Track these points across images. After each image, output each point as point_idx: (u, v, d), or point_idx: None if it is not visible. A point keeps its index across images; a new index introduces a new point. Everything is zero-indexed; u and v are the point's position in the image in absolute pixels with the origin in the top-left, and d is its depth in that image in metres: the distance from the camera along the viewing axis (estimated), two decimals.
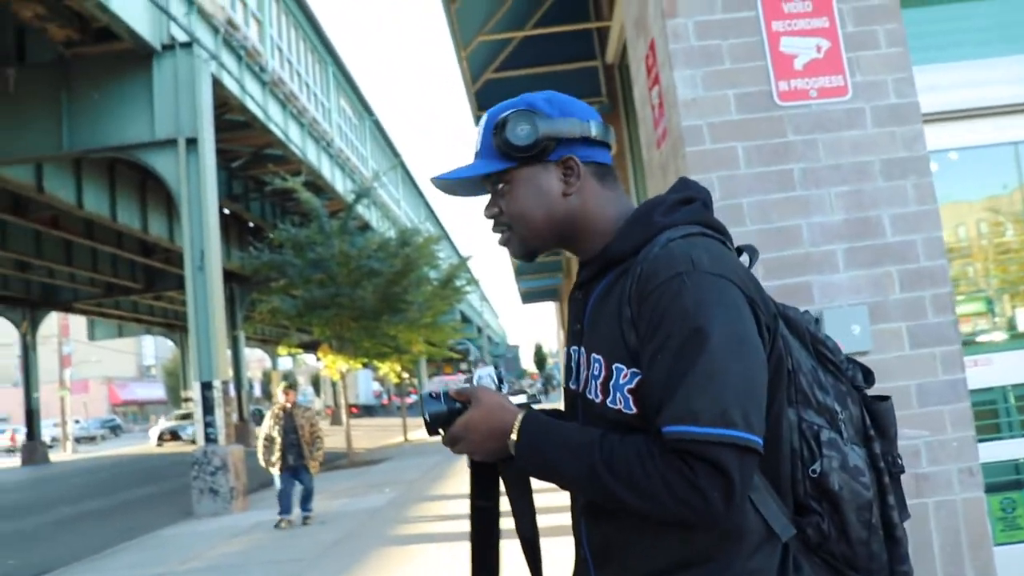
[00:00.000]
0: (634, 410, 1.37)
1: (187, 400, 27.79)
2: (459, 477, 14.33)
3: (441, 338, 28.27)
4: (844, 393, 1.48)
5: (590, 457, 1.33)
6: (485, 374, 1.57)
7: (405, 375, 32.00)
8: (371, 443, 28.62)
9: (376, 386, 72.22)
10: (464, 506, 1.63)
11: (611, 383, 1.40)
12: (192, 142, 15.41)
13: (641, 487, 1.28)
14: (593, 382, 1.44)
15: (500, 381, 1.56)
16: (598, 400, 1.42)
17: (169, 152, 15.51)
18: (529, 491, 1.56)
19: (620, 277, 1.43)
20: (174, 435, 42.45)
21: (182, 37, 15.71)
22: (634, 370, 1.37)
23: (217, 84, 16.83)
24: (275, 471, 10.98)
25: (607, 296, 1.45)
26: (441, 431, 1.51)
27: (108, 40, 15.79)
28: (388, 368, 28.40)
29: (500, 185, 1.55)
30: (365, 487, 15.17)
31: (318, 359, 24.42)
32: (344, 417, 22.19)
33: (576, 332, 1.55)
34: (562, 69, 7.84)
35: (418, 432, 31.11)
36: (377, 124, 36.38)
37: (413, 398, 48.61)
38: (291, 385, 11.63)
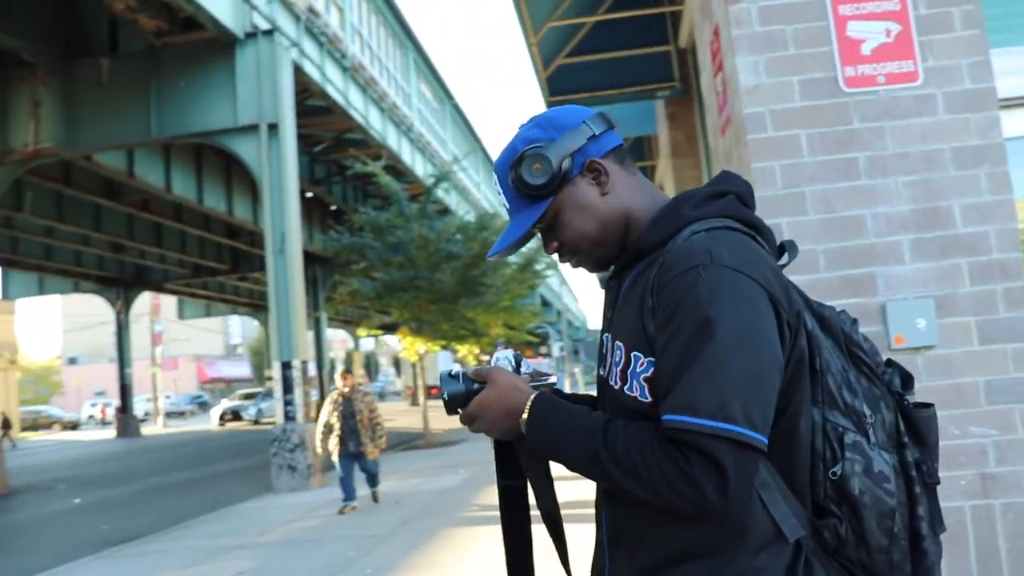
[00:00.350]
0: (649, 399, 1.37)
1: (270, 379, 28.38)
2: None
3: (520, 321, 28.37)
4: (877, 397, 1.44)
5: (593, 442, 1.35)
6: (503, 356, 1.60)
7: (485, 358, 32.21)
8: (448, 424, 28.88)
9: (457, 368, 72.82)
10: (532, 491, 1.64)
11: (629, 371, 1.41)
12: (273, 127, 15.71)
13: (640, 475, 1.29)
14: (615, 369, 1.46)
15: (518, 364, 1.59)
16: (617, 387, 1.44)
17: (251, 137, 15.87)
18: (547, 469, 1.57)
19: (647, 268, 1.45)
20: (235, 415, 42.49)
21: (264, 25, 16.00)
22: (651, 359, 1.37)
23: (298, 70, 17.10)
24: (335, 458, 10.72)
25: (634, 286, 1.47)
26: (460, 410, 1.56)
27: (194, 29, 16.23)
28: (467, 350, 28.62)
29: (545, 223, 1.57)
30: (439, 468, 15.34)
31: (399, 341, 24.72)
32: (422, 398, 22.43)
33: (608, 319, 1.57)
34: (635, 54, 7.75)
35: None
36: (457, 108, 36.53)
37: None
38: (348, 369, 11.19)
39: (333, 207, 29.80)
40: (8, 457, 18.81)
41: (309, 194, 27.20)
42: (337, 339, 77.53)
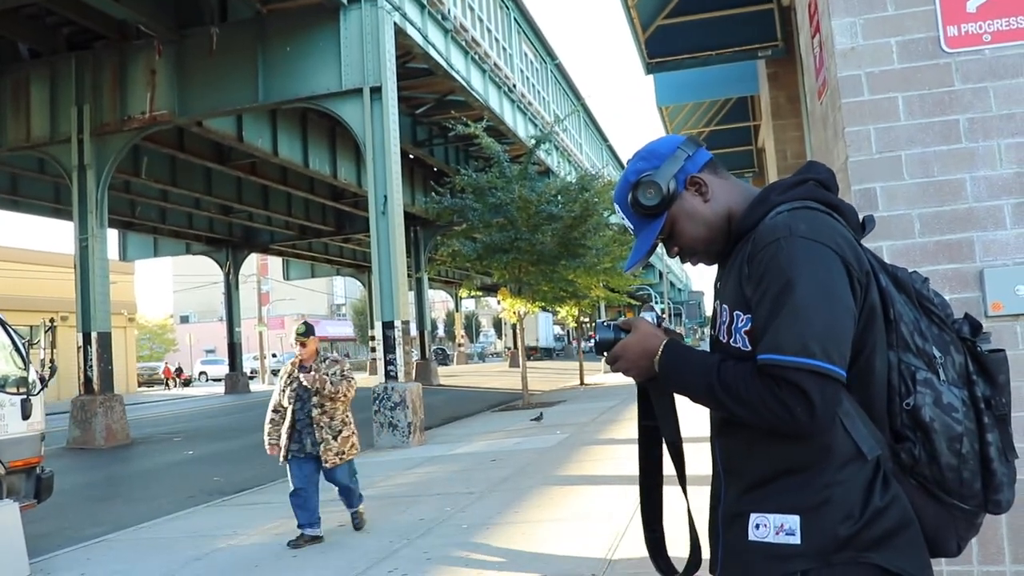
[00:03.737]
0: (749, 348, 1.71)
1: (372, 338, 28.85)
2: (628, 423, 14.44)
3: (620, 284, 28.26)
4: (947, 342, 1.74)
5: (709, 376, 1.72)
6: (647, 313, 1.98)
7: (585, 319, 32.21)
8: (547, 385, 29.12)
9: (557, 329, 73.20)
10: (628, 452, 1.94)
11: (733, 327, 1.77)
12: (376, 91, 15.99)
13: (744, 400, 1.65)
14: (722, 326, 1.81)
15: (659, 321, 1.95)
16: (724, 340, 1.80)
17: (355, 101, 16.19)
18: (673, 405, 1.94)
19: (744, 245, 1.79)
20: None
21: None
22: (749, 316, 1.72)
23: (400, 33, 17.29)
24: (282, 460, 7.62)
25: (735, 259, 1.82)
26: (606, 353, 1.91)
27: None
28: (566, 312, 28.69)
29: (665, 234, 1.95)
30: (537, 428, 15.53)
31: (498, 302, 24.93)
32: (521, 359, 22.64)
33: (718, 289, 1.93)
34: (736, 13, 7.61)
35: (595, 376, 31.40)
36: (559, 68, 36.29)
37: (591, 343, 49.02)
38: (308, 331, 7.53)
39: (435, 169, 30.10)
40: (128, 410, 19.77)
41: (411, 156, 27.53)
42: (438, 300, 78.57)
